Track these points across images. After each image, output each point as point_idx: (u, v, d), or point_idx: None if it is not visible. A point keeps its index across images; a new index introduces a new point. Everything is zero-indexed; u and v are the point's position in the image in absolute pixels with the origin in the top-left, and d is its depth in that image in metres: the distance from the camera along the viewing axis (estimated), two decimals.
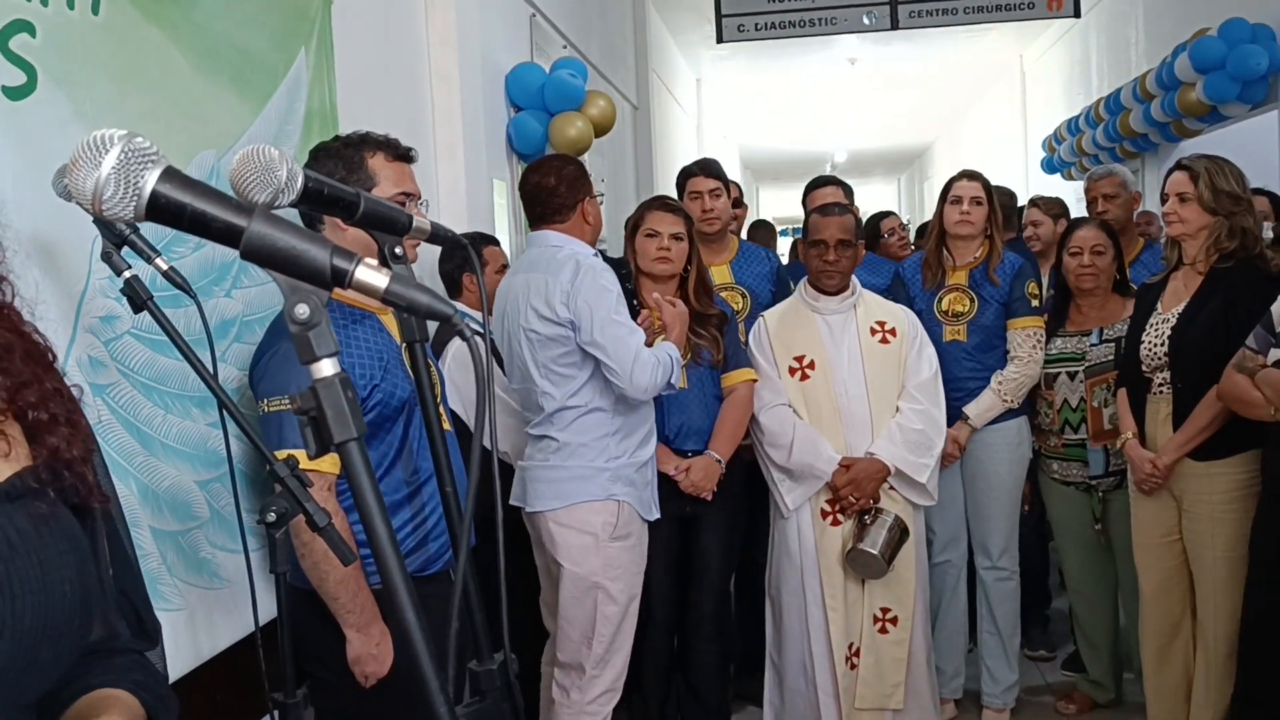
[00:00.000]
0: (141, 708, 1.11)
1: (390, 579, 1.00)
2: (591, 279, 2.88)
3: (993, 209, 3.82)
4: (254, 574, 1.93)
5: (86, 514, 1.13)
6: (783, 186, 20.86)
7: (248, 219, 0.94)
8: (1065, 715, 3.97)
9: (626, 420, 2.99)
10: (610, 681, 3.00)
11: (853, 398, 3.39)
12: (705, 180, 3.93)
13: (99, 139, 0.92)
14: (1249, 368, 2.88)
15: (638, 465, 3.02)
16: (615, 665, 3.00)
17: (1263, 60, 5.47)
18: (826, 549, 3.36)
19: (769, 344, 3.47)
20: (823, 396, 3.40)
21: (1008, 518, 3.85)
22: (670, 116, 10.31)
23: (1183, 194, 3.17)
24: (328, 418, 0.95)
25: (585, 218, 3.04)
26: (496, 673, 1.57)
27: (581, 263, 2.92)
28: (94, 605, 1.09)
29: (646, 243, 3.28)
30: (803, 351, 3.43)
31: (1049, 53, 10.50)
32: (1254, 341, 2.90)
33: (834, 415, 3.38)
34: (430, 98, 3.98)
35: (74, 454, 1.08)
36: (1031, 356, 3.72)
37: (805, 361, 3.42)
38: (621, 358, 2.84)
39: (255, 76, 2.63)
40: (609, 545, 2.94)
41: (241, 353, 2.44)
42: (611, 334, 2.84)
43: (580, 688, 2.97)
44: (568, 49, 5.88)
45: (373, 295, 0.96)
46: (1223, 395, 2.98)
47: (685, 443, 3.34)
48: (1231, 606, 3.08)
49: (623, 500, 2.96)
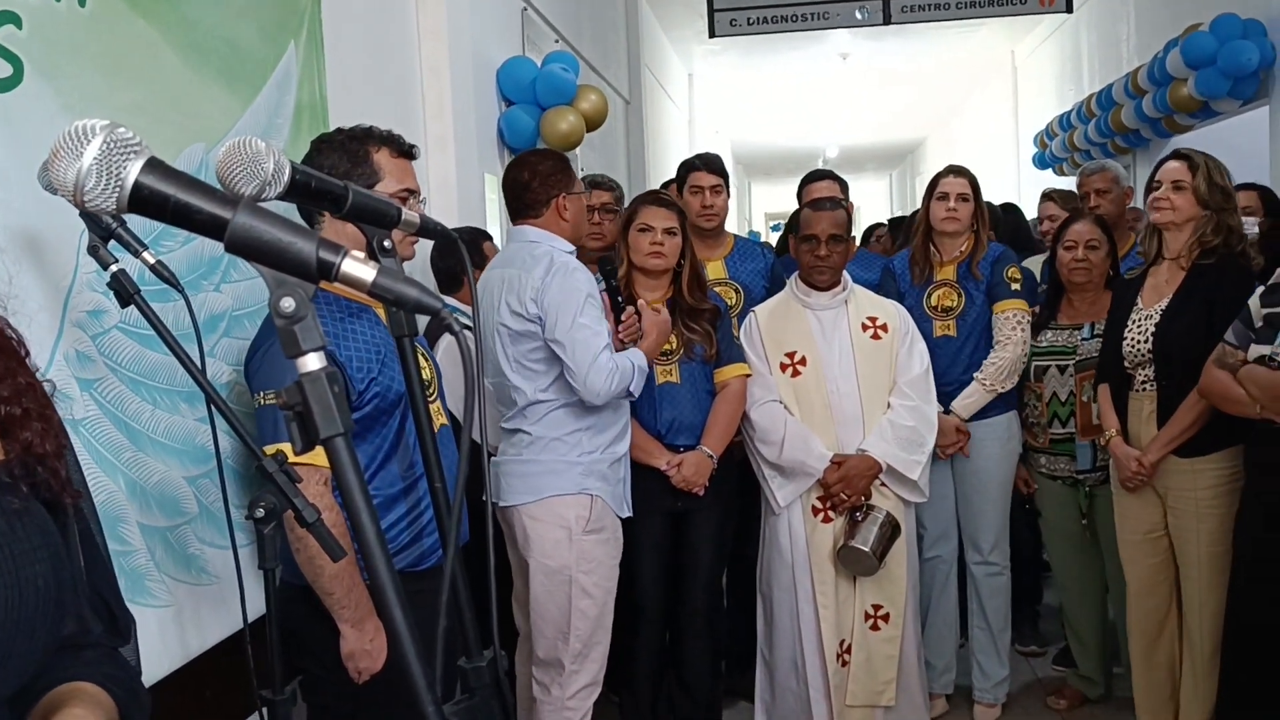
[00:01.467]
0: (111, 700, 1.10)
1: (377, 575, 0.99)
2: (563, 277, 2.88)
3: (979, 205, 3.82)
4: (243, 570, 1.92)
5: (59, 509, 1.12)
6: (775, 182, 20.89)
7: (232, 211, 0.93)
8: (1056, 710, 3.98)
9: (599, 416, 2.98)
10: (591, 676, 2.99)
11: (844, 394, 3.38)
12: (707, 176, 3.89)
13: (81, 129, 0.91)
14: (1229, 363, 2.88)
15: (610, 461, 3.01)
16: (595, 660, 3.00)
17: (1254, 56, 5.47)
18: (818, 546, 3.35)
19: (760, 340, 3.46)
20: (814, 393, 3.39)
21: (998, 512, 3.86)
22: (662, 111, 10.30)
23: (1179, 182, 3.15)
24: (314, 413, 0.94)
25: (561, 214, 3.01)
26: (486, 669, 1.56)
27: (555, 260, 2.91)
28: (67, 600, 1.08)
29: (640, 238, 3.27)
30: (794, 347, 3.42)
31: (1041, 48, 10.51)
32: (1233, 337, 2.90)
33: (826, 411, 3.37)
34: (421, 91, 3.97)
35: (46, 449, 1.07)
36: (1011, 338, 3.71)
37: (797, 357, 3.41)
38: (580, 359, 2.83)
39: (244, 69, 2.61)
40: (582, 539, 2.94)
41: (231, 348, 2.43)
42: (574, 335, 2.84)
43: (560, 683, 2.96)
44: (559, 43, 5.87)
45: (359, 288, 0.95)
46: (1205, 392, 2.98)
47: (678, 438, 3.33)
48: (1217, 601, 3.09)
49: (596, 495, 2.96)
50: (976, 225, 3.81)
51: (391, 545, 2.22)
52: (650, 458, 3.25)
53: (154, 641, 2.11)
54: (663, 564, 3.38)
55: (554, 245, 2.98)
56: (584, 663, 2.97)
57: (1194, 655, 3.19)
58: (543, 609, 2.96)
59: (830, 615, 3.33)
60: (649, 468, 3.23)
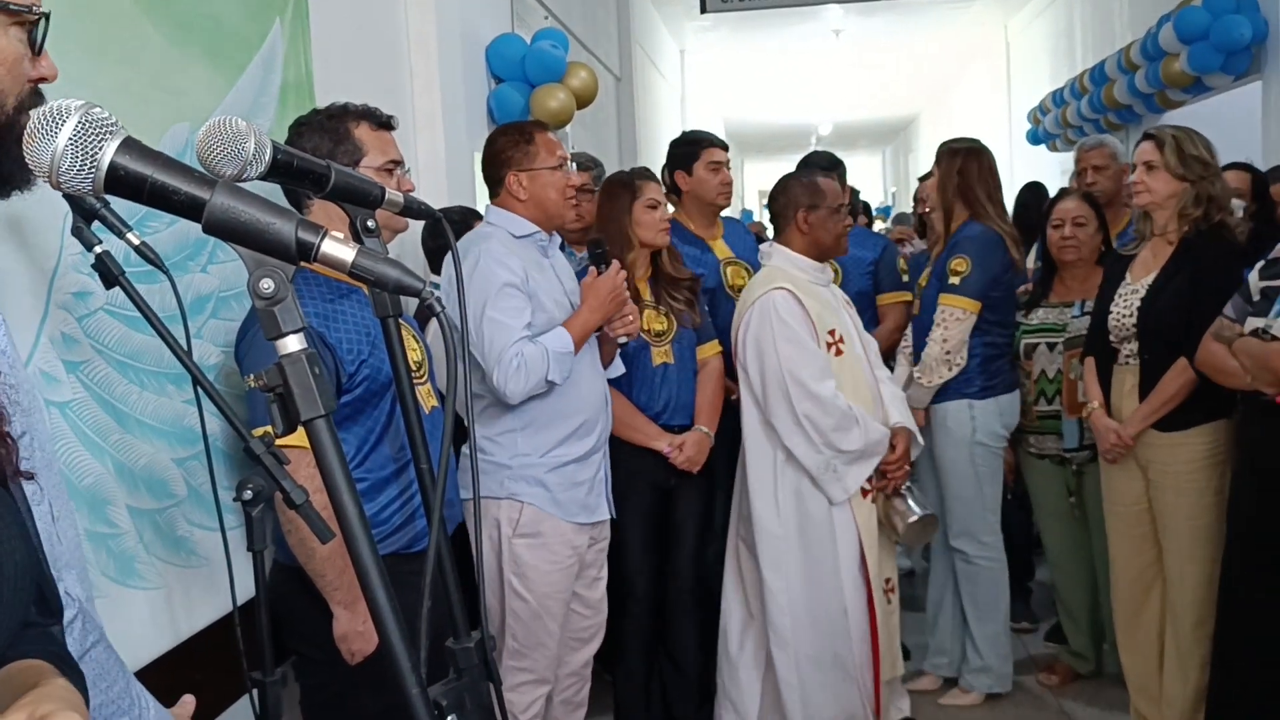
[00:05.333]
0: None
1: (360, 558, 0.99)
2: (483, 265, 2.72)
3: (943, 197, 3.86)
4: (232, 552, 1.91)
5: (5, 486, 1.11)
6: (767, 158, 20.83)
7: (210, 191, 0.92)
8: (1047, 686, 4.00)
9: (533, 417, 2.80)
10: (534, 674, 2.88)
11: (871, 370, 3.36)
12: (723, 151, 3.84)
13: (55, 109, 0.90)
14: (1226, 336, 2.89)
15: (551, 466, 2.82)
16: (538, 659, 2.87)
17: (1246, 31, 5.46)
18: (869, 526, 3.25)
19: (807, 318, 3.22)
20: (857, 370, 3.29)
21: (962, 501, 3.81)
22: (654, 88, 10.25)
23: (1149, 162, 3.17)
24: (294, 395, 0.94)
25: (513, 193, 2.86)
26: (474, 650, 1.56)
27: (481, 248, 2.77)
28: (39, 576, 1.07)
29: (649, 214, 3.24)
30: (833, 325, 3.27)
31: (1033, 24, 10.47)
32: (1231, 310, 2.91)
33: (867, 389, 3.29)
34: (409, 69, 3.94)
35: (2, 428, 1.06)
36: (932, 336, 3.72)
37: (837, 335, 3.27)
38: (487, 354, 2.69)
39: (229, 48, 2.59)
40: (513, 541, 2.81)
41: (218, 329, 2.41)
42: (483, 328, 2.69)
43: (504, 674, 2.82)
44: (549, 19, 5.83)
45: (339, 269, 0.94)
46: (1201, 364, 2.99)
47: (674, 418, 3.33)
48: (1197, 575, 3.11)
49: (526, 501, 2.80)
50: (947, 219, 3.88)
51: (384, 528, 2.22)
52: (649, 440, 3.25)
53: (144, 624, 2.11)
54: (652, 539, 3.37)
55: (506, 227, 2.86)
56: (522, 659, 2.86)
57: (1176, 628, 3.22)
58: (488, 601, 2.87)
59: (880, 595, 3.27)
60: (645, 448, 3.23)
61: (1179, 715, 3.23)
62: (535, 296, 2.79)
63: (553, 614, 2.86)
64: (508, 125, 3.16)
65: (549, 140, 2.92)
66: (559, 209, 2.92)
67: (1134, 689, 3.43)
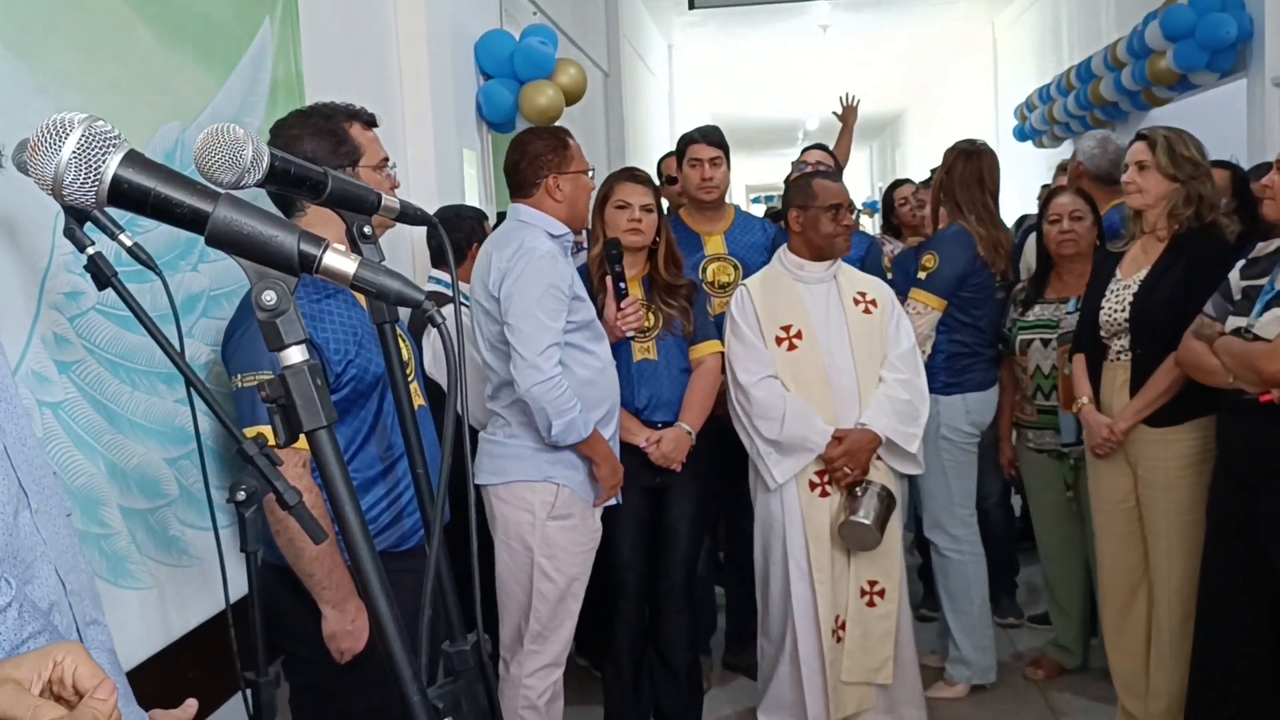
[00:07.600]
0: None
1: (362, 564, 1.00)
2: (527, 262, 2.82)
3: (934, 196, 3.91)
4: (224, 552, 1.92)
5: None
6: (755, 154, 20.81)
7: (213, 204, 0.93)
8: (1033, 681, 4.03)
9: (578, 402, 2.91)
10: (551, 657, 2.98)
11: (841, 368, 3.36)
12: (706, 148, 3.87)
13: (59, 122, 0.90)
14: (1207, 335, 2.91)
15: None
16: (555, 642, 2.98)
17: (1232, 28, 5.48)
18: (815, 521, 3.33)
19: (755, 313, 3.40)
20: (811, 366, 3.35)
21: (930, 494, 3.88)
22: (642, 84, 10.24)
23: (1141, 162, 3.19)
24: (297, 406, 0.94)
25: (552, 194, 2.96)
26: (470, 653, 1.57)
27: (525, 243, 2.86)
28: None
29: (617, 214, 3.27)
30: (789, 321, 3.37)
31: (1020, 20, 10.49)
32: (1212, 309, 2.93)
33: (823, 385, 3.34)
34: (398, 66, 3.93)
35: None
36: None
37: (793, 331, 3.36)
38: (525, 348, 2.79)
39: (220, 46, 2.59)
40: (546, 524, 2.92)
41: (209, 328, 2.41)
42: (524, 323, 2.79)
43: (519, 661, 2.97)
44: (537, 15, 5.82)
45: (341, 281, 0.95)
46: (1181, 362, 3.02)
47: (655, 414, 3.35)
48: (1185, 571, 3.14)
49: (561, 484, 2.93)
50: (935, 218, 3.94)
51: (372, 527, 2.22)
52: (629, 435, 3.26)
53: (136, 624, 2.11)
54: (642, 539, 3.39)
55: (544, 226, 2.95)
56: (543, 644, 2.96)
57: (1162, 624, 3.24)
58: (506, 588, 2.98)
59: (826, 591, 3.32)
60: (627, 444, 3.24)
61: (1164, 711, 3.26)
62: (579, 297, 2.94)
63: (576, 595, 3.00)
64: (538, 129, 3.27)
65: (578, 146, 3.07)
66: (585, 213, 3.12)
67: (1120, 685, 3.46)
